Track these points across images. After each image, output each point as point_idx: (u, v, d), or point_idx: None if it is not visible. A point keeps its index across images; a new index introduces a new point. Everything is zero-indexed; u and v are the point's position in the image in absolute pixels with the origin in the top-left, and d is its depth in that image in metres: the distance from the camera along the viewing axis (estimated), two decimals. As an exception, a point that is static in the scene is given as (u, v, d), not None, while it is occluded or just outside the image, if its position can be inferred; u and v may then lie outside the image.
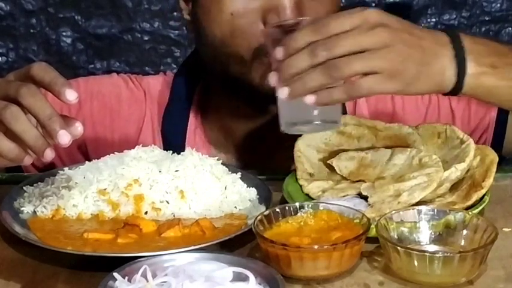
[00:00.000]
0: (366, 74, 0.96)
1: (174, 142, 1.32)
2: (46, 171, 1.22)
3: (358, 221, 0.97)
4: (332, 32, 0.96)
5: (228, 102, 1.31)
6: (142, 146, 1.17)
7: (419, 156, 1.11)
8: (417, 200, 1.04)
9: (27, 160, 0.96)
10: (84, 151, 1.36)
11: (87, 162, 1.16)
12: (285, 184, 1.15)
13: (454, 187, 1.10)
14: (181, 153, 1.16)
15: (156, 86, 1.40)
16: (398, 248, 0.92)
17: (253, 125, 1.32)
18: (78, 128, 0.94)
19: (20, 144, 0.94)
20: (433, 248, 0.97)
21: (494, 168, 1.09)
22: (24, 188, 1.14)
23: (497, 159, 1.10)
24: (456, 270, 0.91)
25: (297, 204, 1.02)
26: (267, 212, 1.00)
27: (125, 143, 1.30)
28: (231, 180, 1.14)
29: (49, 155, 0.92)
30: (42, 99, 0.93)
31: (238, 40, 1.19)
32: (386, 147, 1.17)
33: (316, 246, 0.92)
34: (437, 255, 0.91)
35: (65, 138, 0.92)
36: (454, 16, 2.41)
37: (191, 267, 0.89)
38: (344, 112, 1.31)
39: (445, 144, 1.15)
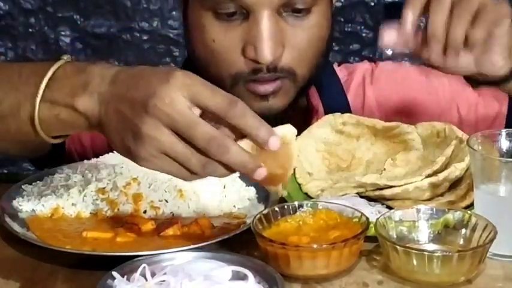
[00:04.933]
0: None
1: None
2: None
3: (357, 220, 0.97)
4: None
5: None
6: None
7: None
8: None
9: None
10: None
11: (85, 161, 1.17)
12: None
13: (453, 186, 1.10)
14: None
15: None
16: (397, 247, 0.92)
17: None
18: None
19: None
20: (431, 247, 0.97)
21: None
22: (23, 186, 1.13)
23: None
24: (455, 269, 0.91)
25: (296, 203, 1.02)
26: (266, 211, 1.00)
27: None
28: (229, 179, 1.13)
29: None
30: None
31: (219, 64, 1.22)
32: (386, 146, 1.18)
33: (315, 245, 0.92)
34: (436, 254, 0.91)
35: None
36: (453, 16, 2.41)
37: (190, 266, 0.89)
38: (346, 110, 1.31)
39: (444, 143, 1.15)
